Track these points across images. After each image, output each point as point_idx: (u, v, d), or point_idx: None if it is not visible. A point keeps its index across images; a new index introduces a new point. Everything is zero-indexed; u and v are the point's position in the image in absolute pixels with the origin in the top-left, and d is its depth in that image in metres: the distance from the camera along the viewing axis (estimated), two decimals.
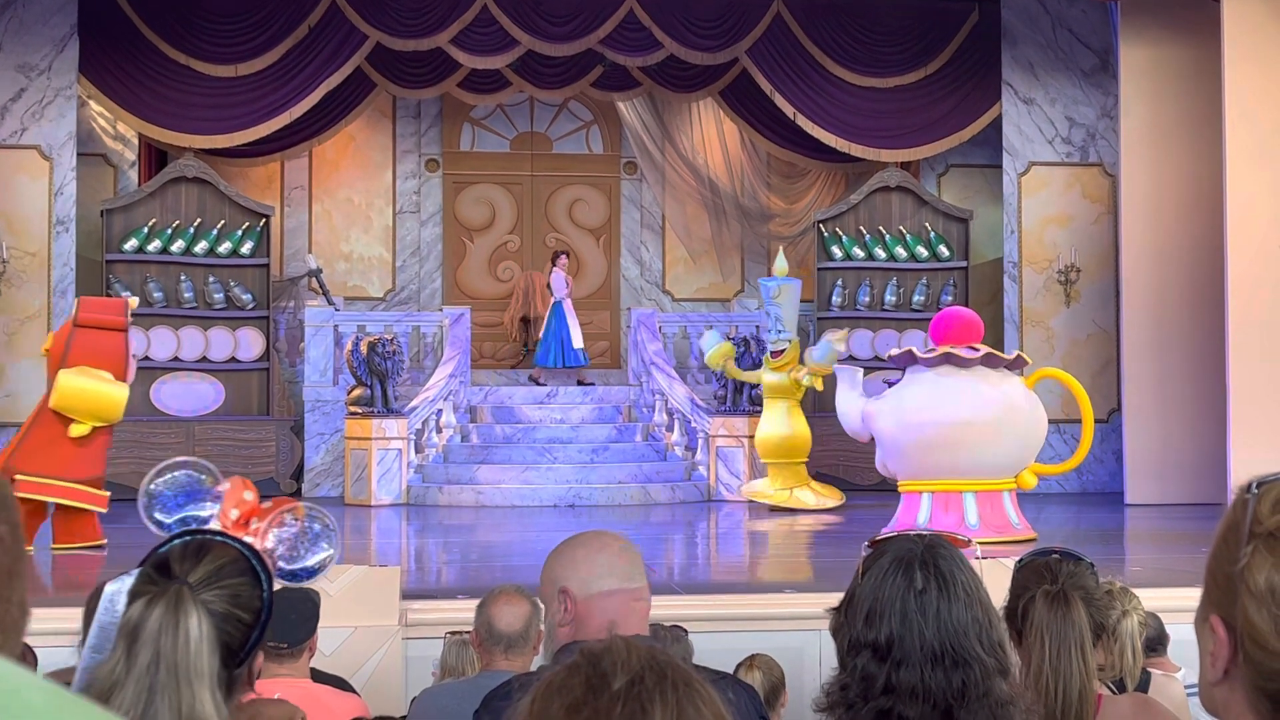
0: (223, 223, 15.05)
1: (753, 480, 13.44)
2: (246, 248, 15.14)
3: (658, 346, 15.46)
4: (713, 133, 17.19)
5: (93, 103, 14.83)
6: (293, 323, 15.76)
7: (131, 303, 9.99)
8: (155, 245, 14.83)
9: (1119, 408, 14.36)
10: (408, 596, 6.59)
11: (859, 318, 15.89)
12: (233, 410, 14.87)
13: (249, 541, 2.00)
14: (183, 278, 14.91)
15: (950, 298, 15.45)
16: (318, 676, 4.29)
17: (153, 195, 14.95)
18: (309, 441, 14.78)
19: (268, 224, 15.34)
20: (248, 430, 14.71)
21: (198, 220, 15.00)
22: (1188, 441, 13.15)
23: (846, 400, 10.19)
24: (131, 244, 14.76)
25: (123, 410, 9.46)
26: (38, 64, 14.22)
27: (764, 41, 15.36)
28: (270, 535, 2.27)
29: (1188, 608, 1.57)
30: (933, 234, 15.95)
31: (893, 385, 10.52)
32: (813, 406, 15.04)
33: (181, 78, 14.79)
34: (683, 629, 4.99)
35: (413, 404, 14.08)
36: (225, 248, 15.05)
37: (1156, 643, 4.72)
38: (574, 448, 14.35)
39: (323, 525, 2.34)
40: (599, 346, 16.95)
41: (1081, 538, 10.52)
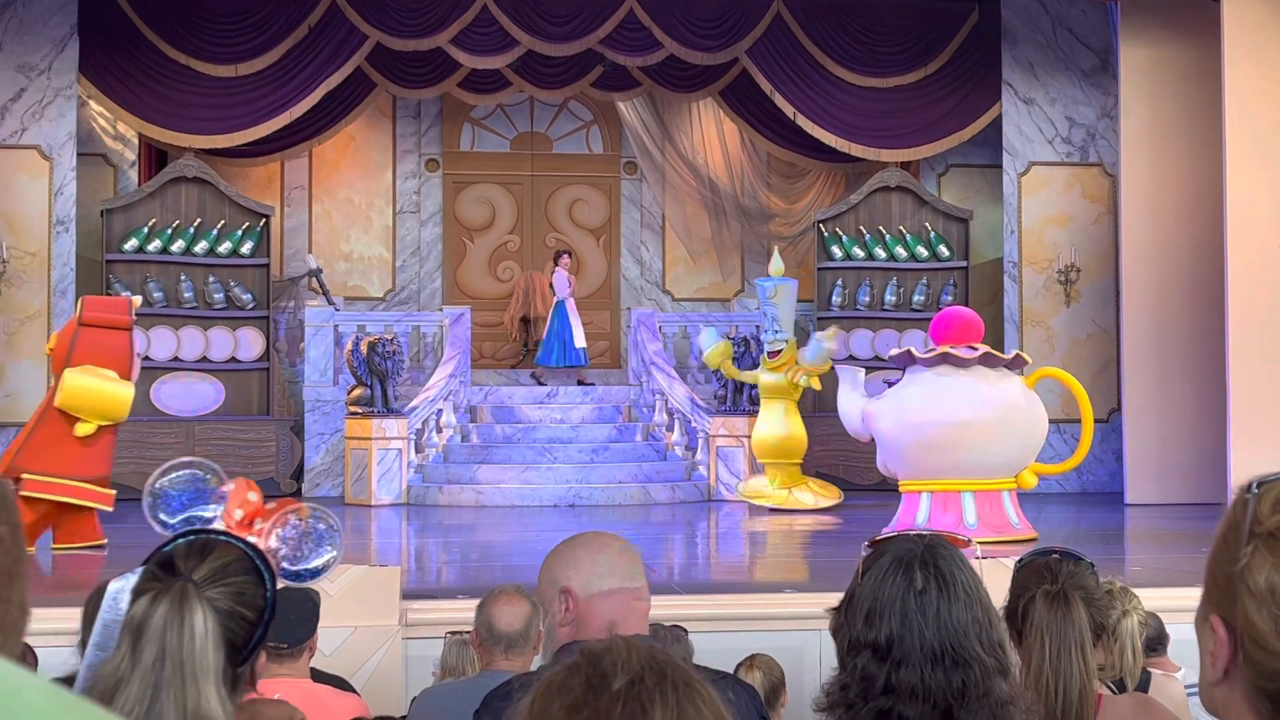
0: (223, 223, 15.05)
1: (750, 479, 13.38)
2: (246, 248, 15.14)
3: (658, 346, 15.46)
4: (713, 133, 17.19)
5: (93, 103, 14.83)
6: (293, 323, 15.76)
7: (135, 301, 10.02)
8: (155, 245, 14.83)
9: (1119, 407, 14.36)
10: (408, 596, 6.59)
11: (859, 318, 15.89)
12: (233, 410, 14.87)
13: (252, 541, 2.00)
14: (183, 278, 14.91)
15: (950, 298, 15.45)
16: (318, 676, 4.29)
17: (153, 195, 14.95)
18: (309, 441, 14.78)
19: (268, 224, 15.34)
20: (248, 430, 14.71)
21: (198, 220, 15.00)
22: (1188, 441, 13.15)
23: (848, 400, 10.20)
24: (131, 244, 14.76)
25: (129, 409, 9.48)
26: (38, 64, 14.22)
27: (764, 41, 15.36)
28: (274, 535, 2.27)
29: (1188, 608, 1.57)
30: (933, 234, 15.95)
31: (893, 385, 10.53)
32: (813, 406, 15.04)
33: (181, 78, 14.79)
34: (683, 629, 4.99)
35: (413, 404, 14.08)
36: (225, 248, 15.05)
37: (1156, 643, 4.72)
38: (574, 448, 14.35)
39: (326, 526, 2.34)
40: (599, 346, 16.95)
41: (1081, 538, 10.52)
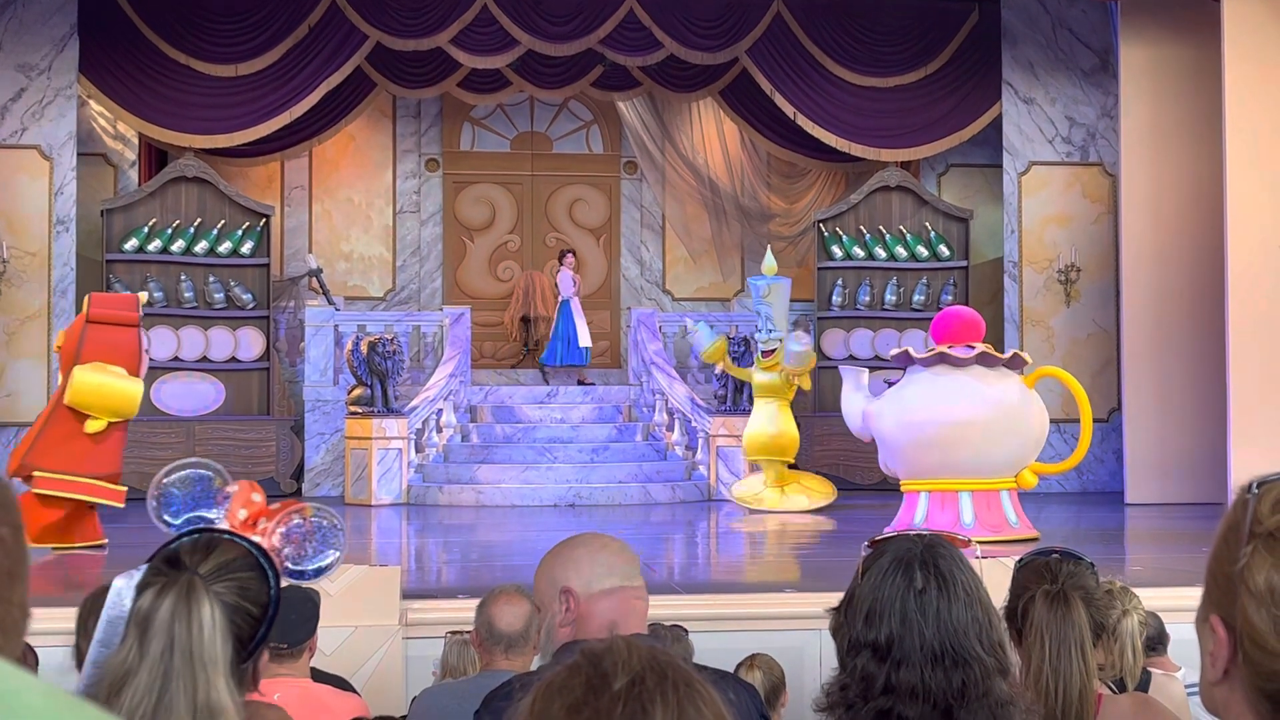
0: (223, 222, 15.04)
1: (742, 482, 13.22)
2: (247, 247, 15.14)
3: (658, 346, 15.46)
4: (713, 133, 17.18)
5: (93, 102, 14.82)
6: (293, 322, 15.76)
7: (142, 298, 10.04)
8: (155, 245, 14.82)
9: (1119, 407, 14.36)
10: (408, 596, 6.60)
11: (859, 317, 15.89)
12: (233, 410, 14.87)
13: (256, 540, 2.01)
14: (183, 277, 14.91)
15: (950, 297, 15.44)
16: (318, 676, 4.29)
17: (153, 195, 14.94)
18: (309, 441, 14.78)
19: (268, 224, 15.33)
20: (248, 430, 14.71)
21: (198, 220, 14.99)
22: (1188, 441, 13.15)
23: (850, 401, 10.20)
24: (132, 244, 14.76)
25: (138, 405, 9.48)
26: (38, 64, 14.21)
27: (764, 41, 15.35)
28: (277, 535, 2.28)
29: (1188, 607, 1.57)
30: (933, 234, 15.94)
31: (893, 385, 10.53)
32: (813, 407, 15.06)
33: (181, 78, 14.79)
34: (683, 629, 5.00)
35: (413, 404, 14.08)
36: (225, 247, 15.04)
37: (1156, 642, 4.72)
38: (574, 447, 14.35)
39: (330, 525, 2.35)
40: (599, 346, 16.94)
41: (1081, 537, 10.53)
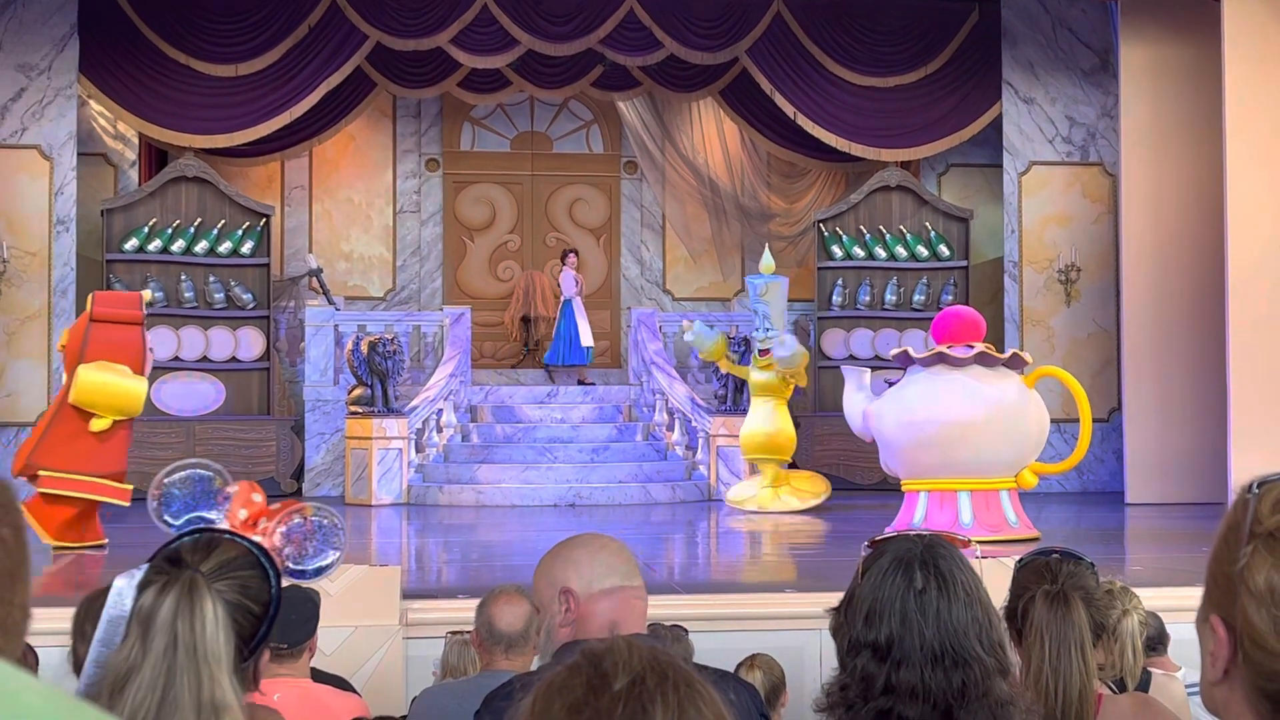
0: (223, 222, 15.04)
1: (736, 486, 13.19)
2: (247, 247, 15.13)
3: (658, 346, 15.46)
4: (713, 132, 17.18)
5: (93, 102, 14.82)
6: (293, 322, 15.76)
7: (146, 296, 10.03)
8: (155, 245, 14.82)
9: (1119, 407, 14.36)
10: (408, 596, 6.60)
11: (859, 317, 15.89)
12: (233, 410, 14.86)
13: (256, 540, 2.02)
14: (183, 277, 14.91)
15: (950, 297, 15.44)
16: (318, 676, 4.29)
17: (153, 195, 14.94)
18: (309, 441, 14.78)
19: (268, 224, 15.33)
20: (248, 430, 14.71)
21: (198, 220, 14.99)
22: (1188, 441, 13.15)
23: (852, 401, 10.20)
24: (132, 244, 14.76)
25: (143, 403, 9.46)
26: (38, 64, 14.21)
27: (764, 41, 15.35)
28: (278, 535, 2.28)
29: (1188, 607, 1.57)
30: (933, 233, 15.94)
31: (893, 385, 10.53)
32: (813, 406, 15.06)
33: (181, 77, 14.78)
34: (683, 629, 5.00)
35: (413, 404, 14.08)
36: (225, 247, 15.04)
37: (1157, 642, 4.72)
38: (574, 447, 14.35)
39: (331, 526, 2.35)
40: (599, 346, 16.94)
41: (1081, 537, 10.52)
